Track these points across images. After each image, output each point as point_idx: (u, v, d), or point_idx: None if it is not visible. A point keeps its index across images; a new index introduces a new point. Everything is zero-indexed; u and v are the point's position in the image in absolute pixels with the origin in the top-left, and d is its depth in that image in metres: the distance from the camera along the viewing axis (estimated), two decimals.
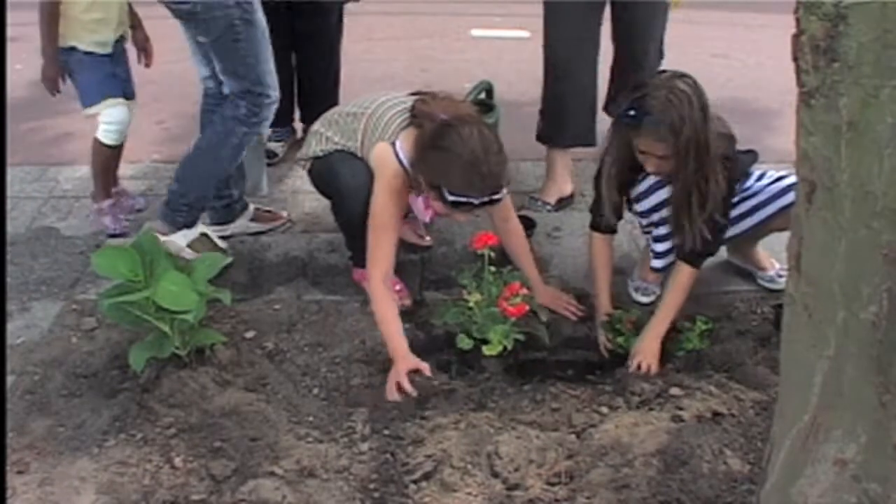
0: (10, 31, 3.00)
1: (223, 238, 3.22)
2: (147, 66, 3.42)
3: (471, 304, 2.53)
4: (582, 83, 3.42)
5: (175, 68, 4.59)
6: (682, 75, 2.43)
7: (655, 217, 2.68)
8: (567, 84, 3.41)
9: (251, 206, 3.35)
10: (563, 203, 3.55)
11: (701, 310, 2.77)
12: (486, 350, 2.50)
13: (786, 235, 1.52)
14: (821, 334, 1.45)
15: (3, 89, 2.84)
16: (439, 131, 2.52)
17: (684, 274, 2.63)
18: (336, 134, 2.78)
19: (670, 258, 2.73)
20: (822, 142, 1.35)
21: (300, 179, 3.63)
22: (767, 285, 2.94)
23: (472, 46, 5.58)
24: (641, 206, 2.69)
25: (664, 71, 2.54)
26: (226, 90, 2.97)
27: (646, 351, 2.56)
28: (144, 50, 3.40)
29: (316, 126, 2.89)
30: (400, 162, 2.61)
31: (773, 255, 2.95)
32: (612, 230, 2.77)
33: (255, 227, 3.33)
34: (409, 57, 5.27)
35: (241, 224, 3.31)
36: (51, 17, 3.06)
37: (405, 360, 2.47)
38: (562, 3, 3.29)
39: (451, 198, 2.49)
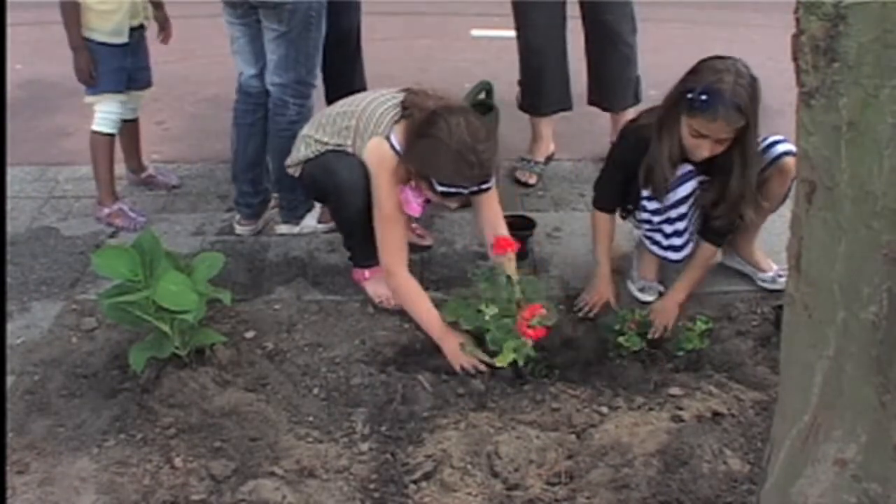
0: (9, 31, 3.00)
1: (256, 235, 3.33)
2: (164, 42, 3.53)
3: (487, 316, 2.50)
4: (555, 57, 3.59)
5: (175, 68, 4.59)
6: (730, 58, 2.48)
7: (674, 213, 2.68)
8: (541, 59, 3.60)
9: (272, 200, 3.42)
10: (550, 160, 3.81)
11: (701, 310, 2.77)
12: (497, 361, 2.48)
13: (786, 235, 1.52)
14: (821, 334, 1.45)
15: (3, 89, 2.84)
16: (427, 120, 2.53)
17: (709, 251, 2.78)
18: (326, 135, 2.76)
19: (688, 249, 2.77)
20: (822, 142, 1.35)
21: None
22: (768, 286, 2.93)
23: (472, 46, 5.57)
24: (658, 203, 2.68)
25: (712, 57, 2.50)
26: (274, 81, 3.07)
27: (666, 312, 2.72)
28: (164, 29, 3.50)
29: (304, 131, 2.87)
30: (397, 153, 2.61)
31: (772, 256, 2.95)
32: (615, 209, 2.84)
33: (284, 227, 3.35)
34: (408, 57, 5.26)
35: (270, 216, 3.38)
36: (70, 7, 3.15)
37: (453, 338, 2.53)
38: None
39: (440, 188, 2.51)
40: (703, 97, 2.40)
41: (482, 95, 3.43)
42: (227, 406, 2.35)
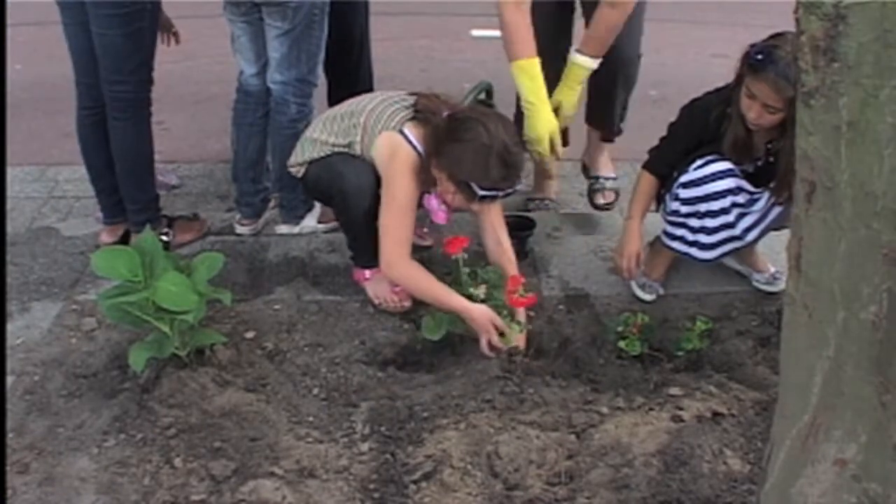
0: (9, 31, 3.00)
1: (255, 235, 3.34)
2: (176, 42, 3.54)
3: (481, 296, 2.54)
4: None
5: (175, 68, 4.59)
6: None
7: (703, 208, 2.68)
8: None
9: (272, 200, 3.43)
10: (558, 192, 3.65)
11: (701, 310, 2.77)
12: (503, 341, 2.52)
13: (786, 235, 1.52)
14: (821, 334, 1.44)
15: (3, 89, 2.84)
16: (461, 125, 2.49)
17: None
18: (332, 135, 2.75)
19: (720, 250, 2.75)
20: (822, 142, 1.35)
21: None
22: (763, 287, 2.92)
23: (472, 46, 5.58)
24: (690, 193, 2.68)
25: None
26: (276, 79, 3.08)
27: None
28: (169, 31, 3.48)
29: (307, 134, 2.85)
30: (413, 147, 2.58)
31: (772, 256, 2.95)
32: (661, 175, 2.82)
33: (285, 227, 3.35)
34: (408, 57, 5.27)
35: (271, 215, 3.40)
36: None
37: (482, 312, 2.49)
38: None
39: (482, 192, 2.48)
40: (759, 56, 2.44)
41: (482, 95, 3.42)
42: (227, 406, 2.35)
